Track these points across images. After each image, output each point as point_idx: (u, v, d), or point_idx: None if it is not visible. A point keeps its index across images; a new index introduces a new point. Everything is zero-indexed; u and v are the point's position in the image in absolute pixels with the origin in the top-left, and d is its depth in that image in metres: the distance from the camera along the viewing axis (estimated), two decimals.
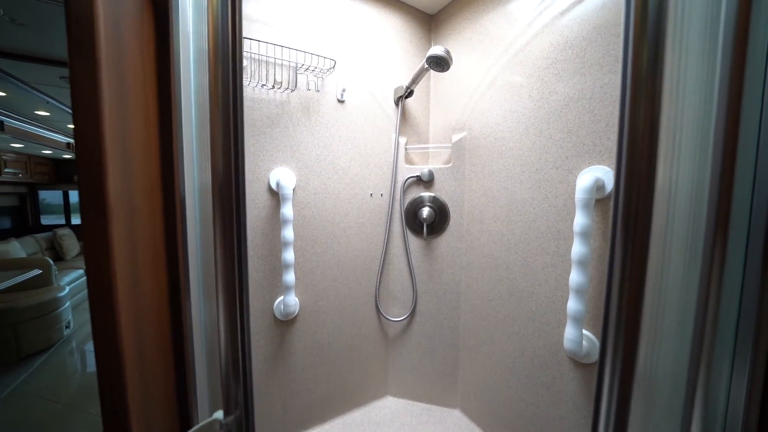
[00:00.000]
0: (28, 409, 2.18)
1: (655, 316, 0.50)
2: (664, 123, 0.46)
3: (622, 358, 0.49)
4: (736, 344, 0.61)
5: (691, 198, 0.47)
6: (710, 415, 0.60)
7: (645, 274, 0.47)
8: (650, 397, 0.52)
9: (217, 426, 0.44)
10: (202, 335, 0.54)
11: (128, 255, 0.52)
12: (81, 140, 0.47)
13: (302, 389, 1.22)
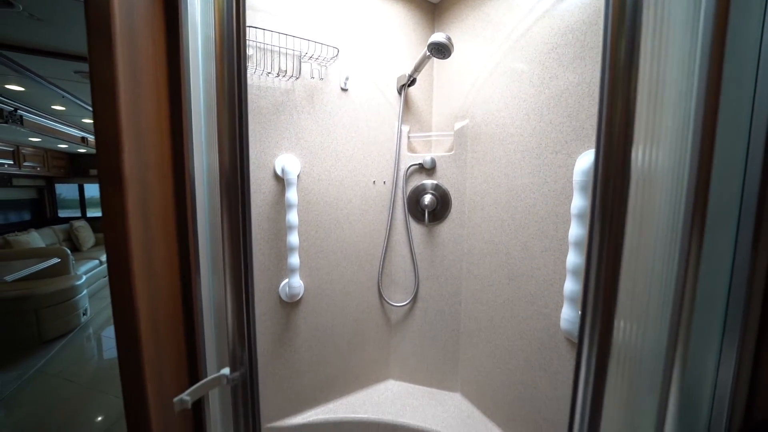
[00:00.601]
0: (51, 388, 2.30)
1: (635, 296, 0.52)
2: (642, 110, 0.47)
3: (599, 334, 0.50)
4: (726, 322, 0.62)
5: (672, 181, 0.48)
6: (687, 388, 0.61)
7: (621, 254, 0.48)
8: (632, 371, 0.54)
9: (224, 381, 0.48)
10: (210, 304, 0.58)
11: (142, 225, 0.56)
12: (100, 118, 0.51)
13: (307, 369, 1.26)
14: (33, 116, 3.29)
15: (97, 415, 2.03)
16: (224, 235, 0.56)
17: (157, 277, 0.58)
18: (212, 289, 0.58)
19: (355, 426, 1.26)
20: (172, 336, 0.56)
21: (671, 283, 0.47)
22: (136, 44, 0.60)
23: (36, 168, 4.30)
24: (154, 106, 0.67)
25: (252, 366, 0.49)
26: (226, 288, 0.53)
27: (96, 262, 4.21)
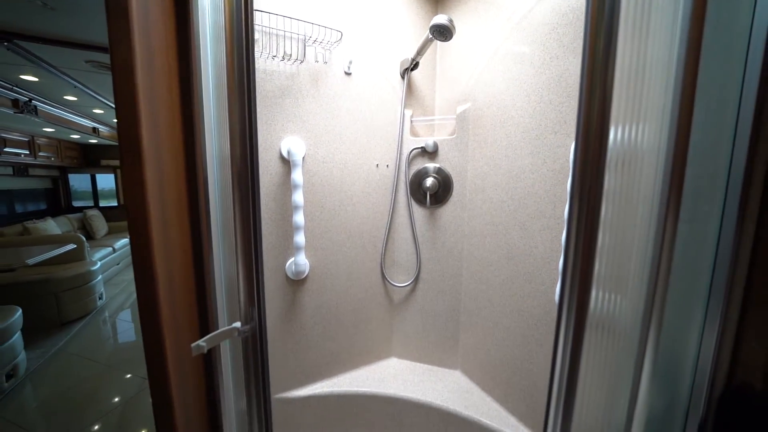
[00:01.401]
0: (72, 366, 2.43)
1: (613, 269, 0.54)
2: (623, 90, 0.48)
3: (577, 302, 0.53)
4: (711, 292, 0.65)
5: (652, 158, 0.50)
6: (666, 354, 0.64)
7: (597, 228, 0.50)
8: (609, 337, 0.56)
9: (236, 333, 0.52)
10: (220, 267, 0.63)
11: (158, 196, 0.61)
12: (120, 94, 0.55)
13: (313, 344, 1.32)
14: (47, 106, 3.38)
15: (115, 392, 2.14)
16: (235, 206, 0.60)
17: (172, 244, 0.62)
18: (222, 255, 0.62)
19: (358, 399, 1.32)
20: (186, 297, 0.61)
21: (648, 257, 0.49)
22: (149, 28, 0.64)
23: (50, 158, 4.42)
24: (166, 86, 0.70)
25: (261, 321, 0.53)
26: (237, 252, 0.57)
27: (109, 250, 4.35)
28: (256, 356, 0.53)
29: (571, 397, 0.55)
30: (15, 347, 2.16)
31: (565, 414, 0.56)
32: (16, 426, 1.84)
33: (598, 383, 0.56)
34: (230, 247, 0.61)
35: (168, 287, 0.58)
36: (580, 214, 0.50)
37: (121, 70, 0.55)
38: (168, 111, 0.70)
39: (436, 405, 1.26)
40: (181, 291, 0.60)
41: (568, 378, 0.55)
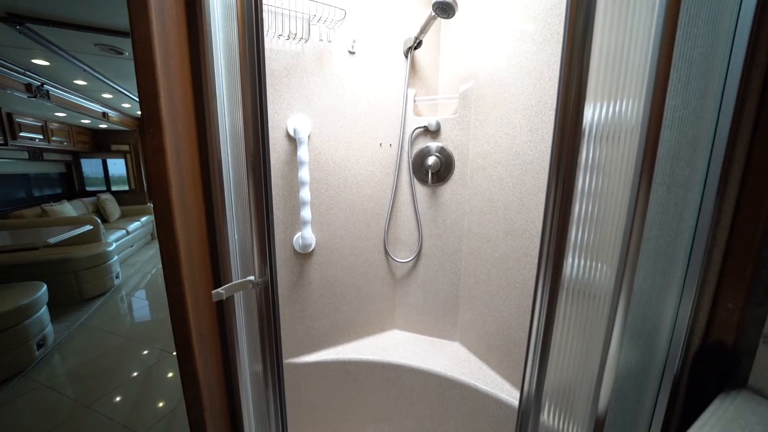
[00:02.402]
0: (95, 339, 2.59)
1: (591, 235, 0.57)
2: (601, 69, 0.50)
3: (552, 267, 0.57)
4: (690, 259, 0.69)
5: (628, 133, 0.51)
6: (640, 317, 0.68)
7: (571, 198, 0.53)
8: (587, 300, 0.60)
9: (250, 285, 0.59)
10: (233, 229, 0.69)
11: (176, 164, 0.66)
12: (141, 66, 0.60)
13: (319, 315, 1.40)
14: (58, 91, 3.44)
15: (135, 362, 2.29)
16: (249, 175, 0.65)
17: (188, 206, 0.68)
18: (235, 218, 0.68)
19: (361, 365, 1.41)
20: (201, 253, 0.67)
21: (621, 226, 0.51)
22: (163, 6, 0.68)
23: (63, 143, 4.52)
24: (179, 63, 0.75)
25: (272, 276, 0.59)
26: (251, 215, 0.63)
27: (123, 232, 4.50)
28: (269, 306, 0.59)
29: (546, 353, 0.60)
30: (43, 320, 2.31)
31: (540, 368, 0.61)
32: (50, 389, 1.99)
33: (573, 342, 0.60)
34: (243, 212, 0.67)
35: (186, 244, 0.64)
36: (557, 185, 0.53)
37: (141, 46, 0.60)
38: (181, 86, 0.75)
39: (435, 371, 1.34)
40: (197, 248, 0.66)
41: (543, 336, 0.60)
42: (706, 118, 0.61)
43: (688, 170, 0.62)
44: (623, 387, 0.69)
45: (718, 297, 0.69)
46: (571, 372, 0.61)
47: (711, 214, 0.64)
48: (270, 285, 0.59)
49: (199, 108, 0.79)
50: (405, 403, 1.40)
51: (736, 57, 0.59)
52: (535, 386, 0.60)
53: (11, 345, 2.03)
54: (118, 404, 1.87)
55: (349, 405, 1.43)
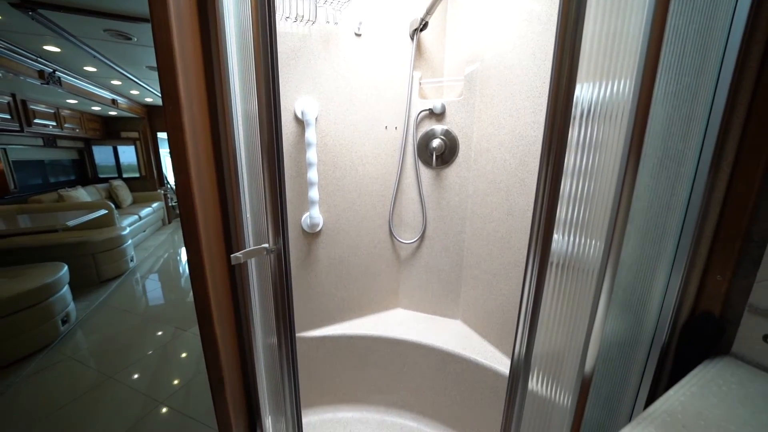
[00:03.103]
0: (114, 317, 2.72)
1: (578, 214, 0.59)
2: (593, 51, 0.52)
3: (542, 243, 0.60)
4: (683, 228, 0.71)
5: (618, 113, 0.53)
6: (629, 288, 0.71)
7: (560, 176, 0.55)
8: (574, 275, 0.63)
9: (265, 251, 0.64)
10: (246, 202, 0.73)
11: (192, 140, 0.71)
12: (160, 47, 0.63)
13: (326, 292, 1.47)
14: (69, 78, 3.50)
15: (150, 340, 2.41)
16: (263, 152, 0.69)
17: (204, 180, 0.73)
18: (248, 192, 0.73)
19: (366, 340, 1.48)
20: (215, 221, 0.72)
21: (609, 202, 0.53)
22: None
23: (75, 130, 4.61)
24: (191, 44, 0.78)
25: (285, 244, 0.64)
26: (265, 190, 0.67)
27: (136, 217, 4.63)
28: (281, 271, 0.64)
29: (535, 322, 0.64)
30: (65, 298, 2.43)
31: (530, 336, 0.65)
32: (75, 361, 2.13)
33: (562, 311, 0.64)
34: (257, 185, 0.72)
35: (203, 215, 0.69)
36: (548, 163, 0.56)
37: (160, 28, 0.63)
38: (195, 67, 0.79)
39: (437, 346, 1.40)
40: (212, 219, 0.72)
41: (532, 307, 0.64)
42: (702, 95, 0.63)
43: (681, 145, 0.64)
44: (611, 354, 0.74)
45: (708, 269, 0.72)
46: (561, 338, 0.66)
47: (703, 189, 0.67)
48: (283, 252, 0.64)
49: (210, 89, 0.83)
50: (408, 375, 1.47)
51: (735, 33, 0.60)
52: (525, 350, 0.65)
53: (39, 320, 2.16)
54: (138, 376, 2.00)
55: (355, 377, 1.51)
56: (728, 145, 0.65)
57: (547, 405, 0.68)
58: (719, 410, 0.53)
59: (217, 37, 0.78)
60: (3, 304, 1.96)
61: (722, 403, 0.55)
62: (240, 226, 0.73)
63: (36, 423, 1.64)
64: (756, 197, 0.65)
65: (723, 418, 0.52)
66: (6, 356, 2.01)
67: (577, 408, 0.62)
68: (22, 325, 2.06)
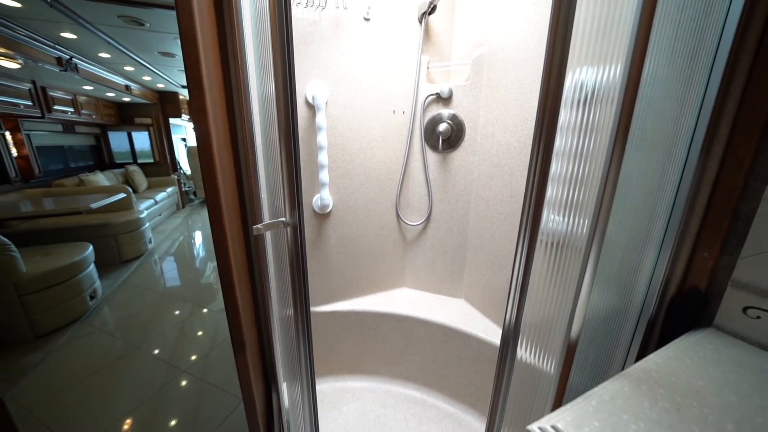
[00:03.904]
0: (136, 295, 2.89)
1: (571, 192, 0.63)
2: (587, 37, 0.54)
3: (532, 220, 0.64)
4: (673, 208, 0.75)
5: (608, 98, 0.56)
6: (608, 261, 0.74)
7: (550, 157, 0.59)
8: (565, 251, 0.67)
9: (282, 224, 0.71)
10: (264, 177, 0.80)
11: (214, 123, 0.77)
12: (185, 35, 0.69)
13: (335, 270, 1.55)
14: (85, 64, 3.58)
15: (170, 315, 2.57)
16: (281, 135, 0.75)
17: (224, 160, 0.80)
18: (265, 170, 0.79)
19: (373, 316, 1.57)
20: (234, 202, 0.80)
21: (596, 183, 0.57)
22: None
23: (91, 116, 4.74)
24: (210, 31, 0.83)
25: (300, 218, 0.71)
26: (282, 169, 0.73)
27: (152, 202, 4.79)
28: (297, 242, 0.71)
29: (524, 295, 0.69)
30: (92, 275, 2.60)
31: (519, 307, 0.71)
32: (104, 332, 2.30)
33: (550, 285, 0.69)
34: (274, 164, 0.78)
35: (224, 192, 0.76)
36: (539, 146, 0.60)
37: (184, 16, 0.68)
38: (213, 52, 0.84)
39: (440, 322, 1.48)
40: (231, 196, 0.79)
41: (521, 278, 0.69)
42: (697, 79, 0.65)
43: (674, 128, 0.67)
44: (598, 324, 0.79)
45: (696, 247, 0.76)
46: (549, 309, 0.70)
47: (694, 170, 0.70)
48: (298, 225, 0.71)
49: (226, 73, 0.88)
50: (413, 349, 1.56)
51: (732, 17, 0.62)
52: (515, 319, 0.71)
53: (69, 295, 2.33)
54: (161, 347, 2.15)
55: (362, 350, 1.61)
56: (721, 128, 0.68)
57: (535, 370, 0.74)
58: (691, 370, 0.59)
59: (234, 24, 0.83)
60: (39, 279, 2.12)
61: (695, 365, 0.60)
62: (257, 201, 0.80)
63: (74, 386, 1.81)
64: (745, 177, 0.68)
65: (693, 375, 0.57)
66: (43, 327, 2.18)
67: (562, 372, 0.68)
68: (55, 299, 2.23)
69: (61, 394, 1.75)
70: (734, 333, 0.70)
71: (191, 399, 1.71)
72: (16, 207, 2.93)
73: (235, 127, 0.87)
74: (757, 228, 0.66)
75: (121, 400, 1.71)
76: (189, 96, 0.72)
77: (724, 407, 0.50)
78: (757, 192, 0.67)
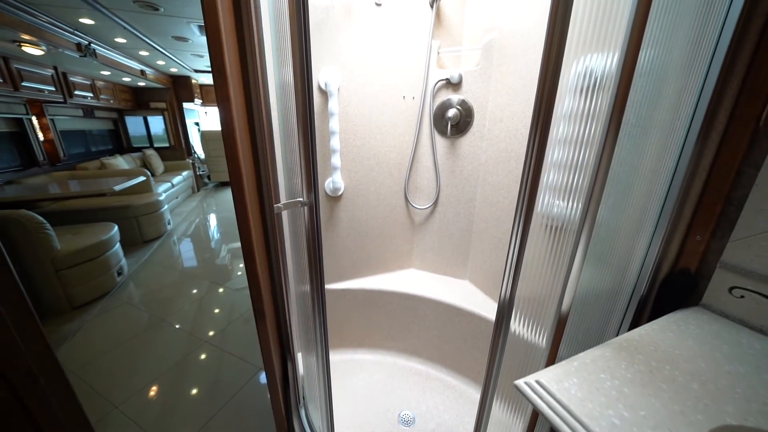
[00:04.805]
0: (158, 272, 3.07)
1: (567, 177, 0.66)
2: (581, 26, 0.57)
3: (527, 204, 0.68)
4: (668, 193, 0.78)
5: (604, 82, 0.58)
6: (601, 242, 0.78)
7: (545, 144, 0.62)
8: (560, 233, 0.71)
9: (299, 204, 0.78)
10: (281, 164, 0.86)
11: (235, 110, 0.83)
12: (210, 27, 0.74)
13: (346, 251, 1.63)
14: (102, 49, 3.66)
15: (190, 291, 2.73)
16: (299, 119, 0.80)
17: (244, 145, 0.86)
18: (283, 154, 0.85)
19: (382, 294, 1.66)
20: (253, 183, 0.87)
21: (591, 169, 0.60)
22: None
23: (109, 101, 4.86)
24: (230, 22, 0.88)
25: (316, 198, 0.78)
26: (300, 152, 0.79)
27: (169, 185, 4.96)
28: (312, 220, 0.78)
29: (518, 271, 0.74)
30: (118, 253, 2.77)
31: (513, 283, 0.76)
32: (131, 306, 2.48)
33: (543, 265, 0.73)
34: (290, 149, 0.84)
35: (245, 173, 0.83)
36: (535, 133, 0.63)
37: (209, 10, 0.74)
38: (233, 42, 0.89)
39: (445, 301, 1.55)
40: (250, 178, 0.86)
41: (516, 258, 0.74)
42: (697, 67, 0.67)
43: (671, 115, 0.70)
44: (589, 301, 0.85)
45: (689, 230, 0.80)
46: (541, 288, 0.75)
47: (690, 156, 0.73)
48: (315, 204, 0.78)
49: (243, 62, 0.93)
50: (418, 326, 1.65)
51: (735, 9, 0.64)
52: (509, 293, 0.77)
53: (99, 271, 2.50)
54: (183, 320, 2.31)
55: (370, 325, 1.71)
56: (719, 116, 0.70)
57: (527, 344, 0.80)
58: (671, 341, 0.64)
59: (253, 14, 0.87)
60: (72, 256, 2.28)
61: (676, 337, 0.66)
62: (275, 183, 0.87)
63: (108, 352, 1.99)
64: (739, 164, 0.70)
65: (671, 346, 0.63)
66: (78, 299, 2.37)
67: (552, 345, 0.75)
68: (87, 275, 2.40)
69: (97, 359, 1.93)
70: (719, 311, 0.74)
71: (212, 367, 1.86)
72: (45, 189, 3.11)
73: (252, 115, 0.93)
74: (748, 213, 0.70)
75: (150, 367, 1.88)
76: (214, 85, 0.78)
77: (693, 371, 0.55)
78: (750, 179, 0.70)
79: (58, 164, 3.99)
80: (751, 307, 0.69)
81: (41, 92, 3.42)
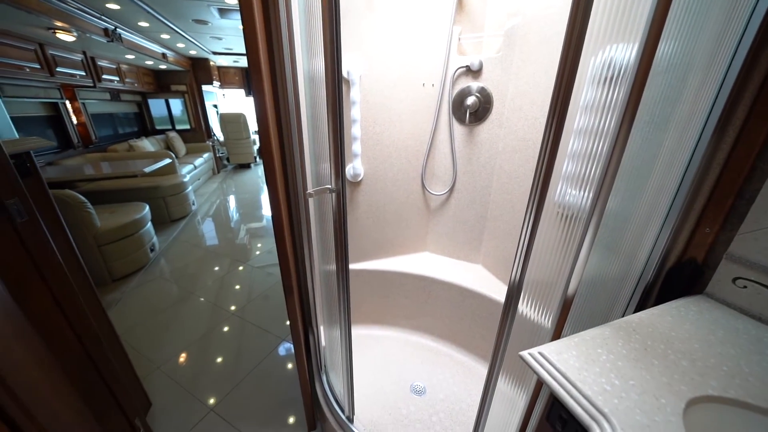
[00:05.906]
0: (185, 250, 3.27)
1: (582, 167, 0.69)
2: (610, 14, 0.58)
3: (539, 193, 0.71)
4: (681, 185, 0.81)
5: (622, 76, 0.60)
6: (609, 231, 0.81)
7: (560, 135, 0.64)
8: (570, 221, 0.74)
9: (328, 190, 0.85)
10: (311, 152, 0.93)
11: (267, 102, 0.89)
12: (247, 24, 0.79)
13: (364, 233, 1.72)
14: (127, 34, 3.75)
15: (215, 267, 2.91)
16: (329, 110, 0.86)
17: (271, 135, 0.93)
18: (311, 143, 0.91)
19: (397, 275, 1.75)
20: (281, 172, 0.94)
21: (602, 160, 0.63)
22: None
23: (134, 84, 5.01)
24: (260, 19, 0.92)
25: (343, 186, 0.85)
26: (330, 142, 0.86)
27: (191, 167, 5.14)
28: (339, 206, 0.86)
29: (528, 256, 0.79)
30: (150, 231, 2.97)
31: (523, 267, 0.81)
32: (164, 279, 2.69)
33: (552, 251, 0.78)
34: (319, 140, 0.90)
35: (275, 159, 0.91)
36: (551, 124, 0.66)
37: (246, 9, 0.79)
38: (262, 39, 0.94)
39: (457, 283, 1.63)
40: (278, 163, 0.94)
41: (527, 244, 0.78)
42: (718, 62, 0.68)
43: (689, 108, 0.72)
44: (597, 287, 0.90)
45: (699, 222, 0.83)
46: (550, 272, 0.80)
47: (705, 152, 0.75)
48: (342, 191, 0.85)
49: (271, 58, 0.98)
50: (431, 306, 1.75)
51: (761, 5, 0.64)
52: (519, 275, 0.82)
53: (134, 247, 2.71)
54: (209, 293, 2.50)
55: (386, 304, 1.82)
56: (738, 112, 0.72)
57: (534, 324, 0.87)
58: (669, 324, 0.70)
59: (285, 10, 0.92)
60: (111, 233, 2.48)
61: (675, 321, 0.71)
62: (304, 171, 0.94)
63: (145, 321, 2.20)
64: (754, 160, 0.72)
65: (669, 328, 0.68)
66: (117, 273, 2.59)
67: (557, 326, 0.81)
68: (125, 250, 2.61)
69: (137, 327, 2.14)
70: (721, 300, 0.78)
71: (238, 337, 2.03)
72: (81, 170, 3.32)
73: (278, 105, 0.99)
74: (758, 208, 0.72)
75: (184, 335, 2.07)
76: (250, 79, 0.85)
77: (686, 350, 0.61)
78: (764, 174, 0.72)
79: (91, 146, 4.21)
80: (752, 297, 0.73)
81: (73, 77, 3.58)
